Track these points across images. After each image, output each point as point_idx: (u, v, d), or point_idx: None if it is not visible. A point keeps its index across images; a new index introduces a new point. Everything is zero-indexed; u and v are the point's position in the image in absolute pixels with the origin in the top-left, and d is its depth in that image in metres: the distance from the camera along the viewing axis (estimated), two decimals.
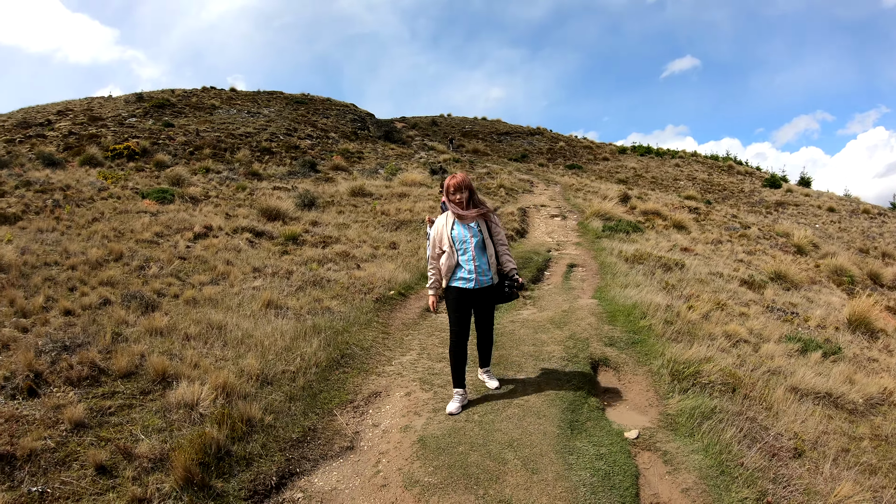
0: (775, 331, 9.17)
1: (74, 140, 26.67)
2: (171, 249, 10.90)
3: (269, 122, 33.67)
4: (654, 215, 20.69)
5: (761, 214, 29.20)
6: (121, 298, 7.88)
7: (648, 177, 42.53)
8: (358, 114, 42.47)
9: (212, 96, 38.97)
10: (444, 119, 61.54)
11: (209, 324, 7.29)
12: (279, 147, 28.65)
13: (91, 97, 38.16)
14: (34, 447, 4.42)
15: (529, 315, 8.93)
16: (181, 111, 33.53)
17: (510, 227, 16.69)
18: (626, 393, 6.29)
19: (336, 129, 36.21)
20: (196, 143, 27.10)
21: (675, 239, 17.19)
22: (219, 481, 4.29)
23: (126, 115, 31.58)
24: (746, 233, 20.08)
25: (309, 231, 13.89)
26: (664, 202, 24.95)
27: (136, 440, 4.70)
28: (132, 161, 23.15)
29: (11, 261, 8.76)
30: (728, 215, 24.42)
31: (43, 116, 31.45)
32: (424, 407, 5.72)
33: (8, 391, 5.23)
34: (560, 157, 49.69)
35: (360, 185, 20.36)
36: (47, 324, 6.86)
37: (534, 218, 19.75)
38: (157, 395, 5.46)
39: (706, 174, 44.87)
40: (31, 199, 13.82)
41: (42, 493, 4.00)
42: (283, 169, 24.45)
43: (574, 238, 16.44)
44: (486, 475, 4.43)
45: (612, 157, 51.11)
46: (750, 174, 46.16)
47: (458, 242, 5.63)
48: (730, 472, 4.68)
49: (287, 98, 42.17)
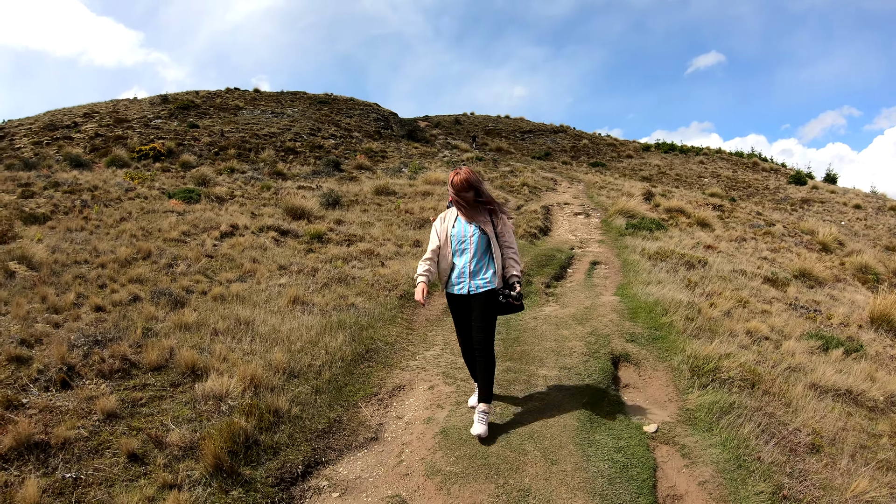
0: (797, 328, 9.16)
1: (101, 142, 27.09)
2: (199, 248, 11.09)
3: (293, 122, 33.93)
4: (678, 213, 20.61)
5: (786, 212, 28.99)
6: (150, 295, 8.06)
7: (672, 174, 42.31)
8: (381, 113, 42.65)
9: (236, 97, 39.33)
10: (468, 118, 61.53)
11: (237, 319, 7.45)
12: (303, 147, 28.89)
13: (117, 99, 38.65)
14: (68, 436, 4.59)
15: (552, 311, 9.02)
16: (206, 112, 33.88)
17: (533, 224, 16.72)
18: (646, 388, 6.37)
19: (359, 129, 36.41)
20: (221, 144, 27.40)
21: (699, 236, 17.14)
22: (247, 469, 4.44)
23: (151, 117, 31.98)
24: (771, 230, 19.96)
25: (334, 229, 14.03)
26: (688, 199, 24.84)
27: (167, 429, 4.86)
28: (158, 162, 23.48)
29: (42, 259, 8.97)
30: (753, 212, 24.26)
31: (69, 119, 31.92)
32: (447, 400, 5.84)
33: (42, 383, 5.41)
34: (584, 155, 49.53)
35: (384, 184, 20.47)
36: (79, 319, 7.04)
37: (557, 216, 19.76)
38: (186, 387, 5.63)
39: (731, 171, 44.54)
40: (59, 200, 14.09)
41: (76, 479, 4.16)
42: (308, 168, 24.66)
43: (597, 236, 16.45)
44: (506, 465, 4.54)
45: (636, 155, 50.86)
46: (775, 171, 45.77)
47: (456, 241, 5.29)
48: (747, 466, 4.75)
49: (310, 98, 42.44)
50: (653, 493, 4.32)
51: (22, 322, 6.66)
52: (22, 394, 5.19)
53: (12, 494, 3.88)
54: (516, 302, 5.19)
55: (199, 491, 4.11)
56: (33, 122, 31.64)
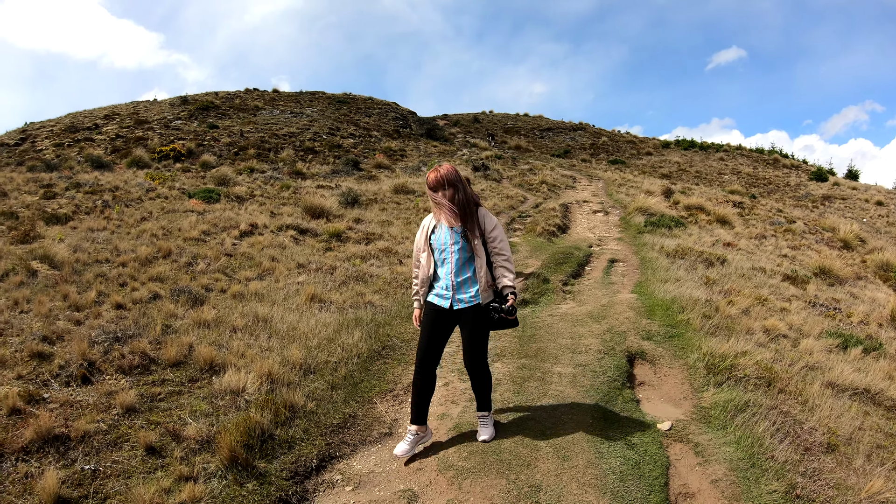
0: (816, 326, 9.10)
1: (121, 143, 27.41)
2: (218, 247, 11.21)
3: (312, 121, 34.11)
4: (698, 210, 20.51)
5: (807, 208, 28.76)
6: (170, 293, 8.17)
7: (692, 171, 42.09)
8: (400, 112, 42.76)
9: (255, 98, 39.60)
10: (486, 116, 61.53)
11: (255, 317, 7.54)
12: (322, 146, 29.03)
13: (137, 101, 39.07)
14: (87, 429, 4.68)
15: (568, 309, 9.02)
16: (225, 113, 34.14)
17: (551, 222, 16.70)
18: (661, 385, 6.37)
19: (378, 128, 36.53)
20: (240, 144, 27.61)
21: (718, 234, 17.05)
22: (262, 462, 4.50)
23: (171, 118, 32.28)
24: (791, 227, 19.81)
25: (352, 228, 14.11)
26: (708, 197, 24.71)
27: (185, 423, 4.94)
28: (178, 162, 23.72)
29: (64, 258, 9.11)
30: (773, 210, 24.11)
31: (90, 121, 32.30)
32: (461, 396, 5.87)
33: (63, 378, 5.52)
34: (603, 153, 49.40)
35: (403, 183, 20.56)
36: (100, 317, 7.16)
37: (576, 213, 19.73)
38: (204, 383, 5.71)
39: (751, 168, 44.25)
40: (81, 200, 14.29)
41: (94, 471, 4.25)
42: (327, 168, 24.79)
43: (616, 233, 16.41)
44: (518, 461, 4.56)
45: (656, 152, 50.66)
46: (796, 167, 45.42)
47: (437, 250, 4.75)
48: (760, 464, 4.72)
49: (329, 98, 42.63)
50: (665, 491, 4.32)
51: (44, 319, 6.78)
52: (43, 388, 5.30)
53: (32, 485, 3.98)
54: (510, 317, 4.61)
55: (214, 483, 4.18)
56: (55, 125, 32.06)
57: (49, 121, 33.96)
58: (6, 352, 5.86)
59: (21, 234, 10.29)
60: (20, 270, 8.37)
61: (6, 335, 6.35)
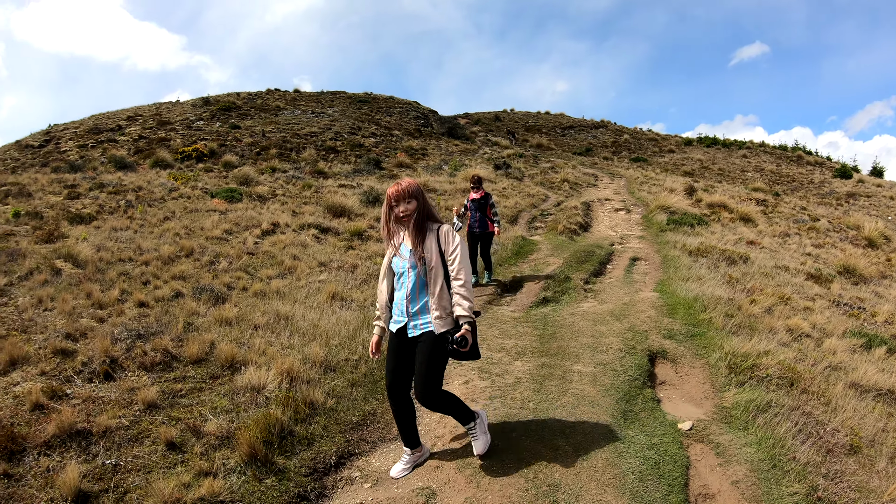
0: (839, 326, 9.00)
1: (144, 144, 27.66)
2: (240, 245, 11.29)
3: (333, 121, 34.23)
4: (720, 208, 20.37)
5: (831, 206, 28.43)
6: (192, 291, 8.24)
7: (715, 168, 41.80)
8: (421, 111, 42.81)
9: (276, 98, 39.80)
10: (508, 114, 61.47)
11: (276, 314, 7.59)
12: (343, 146, 29.13)
13: (159, 102, 39.41)
14: (109, 424, 4.74)
15: (590, 307, 8.99)
16: (247, 113, 34.35)
17: (573, 220, 16.67)
18: (682, 385, 6.33)
19: (399, 127, 36.59)
20: (262, 144, 27.77)
21: (741, 232, 16.93)
22: (281, 458, 4.54)
23: (193, 119, 32.52)
24: (815, 225, 19.62)
25: (374, 227, 14.14)
26: (731, 194, 24.53)
27: (205, 420, 4.99)
28: (201, 162, 23.90)
29: (88, 257, 9.21)
30: (797, 207, 23.88)
31: (113, 122, 32.63)
32: (481, 395, 5.86)
33: (86, 375, 5.59)
34: (625, 150, 49.20)
35: (425, 182, 20.63)
36: (122, 314, 7.24)
37: (598, 212, 19.67)
38: (225, 380, 5.77)
39: (774, 165, 43.88)
40: (104, 200, 14.44)
41: (115, 466, 4.31)
42: (348, 167, 24.87)
43: (638, 231, 16.34)
44: (536, 460, 4.55)
45: (678, 149, 50.37)
46: (820, 164, 44.97)
47: (396, 274, 4.43)
48: (781, 466, 4.68)
49: (350, 97, 42.78)
50: (684, 491, 4.29)
51: (67, 317, 6.87)
52: (66, 384, 5.37)
53: (54, 478, 4.03)
54: (461, 349, 4.16)
55: (233, 478, 4.22)
56: (78, 126, 32.40)
57: (73, 122, 34.32)
58: (30, 348, 5.95)
59: (45, 234, 10.42)
60: (44, 269, 8.48)
61: (30, 332, 6.43)
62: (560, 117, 61.60)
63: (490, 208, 10.73)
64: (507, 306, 9.39)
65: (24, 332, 6.44)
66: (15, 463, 4.21)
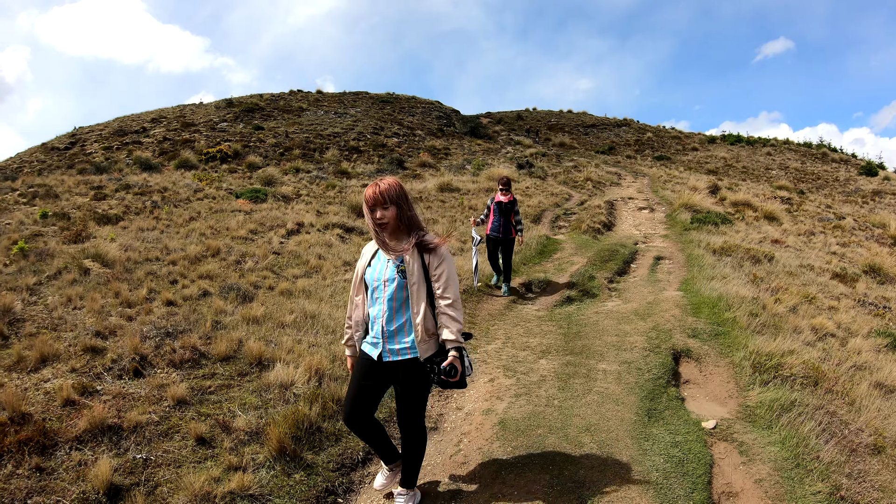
0: (865, 325, 8.94)
1: (169, 145, 27.96)
2: (266, 245, 11.39)
3: (356, 121, 34.38)
4: (745, 206, 20.23)
5: (857, 204, 28.13)
6: (219, 290, 8.34)
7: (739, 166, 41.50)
8: (443, 111, 42.88)
9: (299, 99, 40.03)
10: (530, 113, 61.40)
11: (303, 313, 7.66)
12: (366, 146, 29.26)
13: (183, 104, 39.77)
14: (139, 420, 4.83)
15: (614, 306, 8.99)
16: (270, 114, 34.58)
17: (597, 220, 16.64)
18: (707, 384, 6.33)
19: (422, 127, 36.68)
20: (286, 145, 27.96)
21: (766, 230, 16.82)
22: (309, 454, 4.61)
23: (217, 120, 32.79)
24: (840, 224, 19.43)
25: None
26: (755, 192, 24.35)
27: (234, 416, 5.07)
28: (225, 163, 24.11)
29: (116, 257, 9.34)
30: (822, 205, 23.65)
31: (138, 124, 32.99)
32: (507, 392, 5.90)
33: (115, 372, 5.68)
34: (648, 149, 48.95)
35: (448, 181, 20.64)
36: (151, 313, 7.34)
37: (621, 210, 19.62)
38: (253, 377, 5.84)
39: (799, 162, 43.47)
40: (130, 201, 14.63)
41: (146, 460, 4.39)
42: (371, 167, 24.99)
43: (661, 230, 16.29)
44: (562, 457, 4.58)
45: (702, 147, 50.03)
46: (845, 161, 44.49)
47: (370, 287, 3.83)
48: (805, 465, 4.67)
49: (372, 98, 42.94)
50: (707, 490, 4.30)
51: (97, 315, 6.97)
52: (97, 381, 5.47)
53: (86, 472, 4.13)
54: (451, 379, 3.69)
55: (262, 473, 4.30)
56: (103, 129, 32.80)
57: (98, 125, 34.73)
58: (60, 346, 6.06)
59: (73, 234, 10.58)
60: (73, 269, 8.61)
61: (60, 330, 6.55)
62: (582, 116, 61.43)
63: (515, 214, 10.30)
64: (532, 305, 9.42)
65: (53, 330, 6.55)
66: (47, 457, 4.30)
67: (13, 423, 4.56)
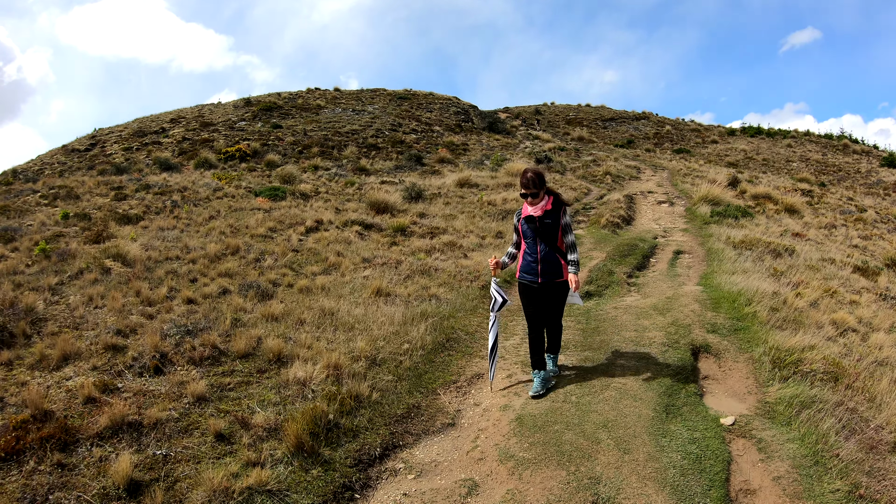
0: (886, 320, 8.83)
1: (188, 145, 28.11)
2: (285, 243, 11.44)
3: (374, 118, 34.38)
4: (765, 199, 20.05)
5: (879, 196, 27.79)
6: (238, 288, 8.41)
7: (759, 159, 41.12)
8: (461, 106, 42.78)
9: (317, 97, 40.08)
10: (548, 107, 61.08)
11: (321, 310, 7.70)
12: (385, 142, 29.27)
13: (202, 104, 39.95)
14: (159, 417, 4.91)
15: (633, 301, 8.95)
16: (288, 113, 34.64)
17: (616, 214, 16.53)
18: (726, 380, 6.29)
19: (440, 123, 36.63)
20: (304, 143, 28.02)
21: (787, 224, 16.67)
22: (327, 450, 4.66)
23: (235, 120, 32.91)
24: (862, 216, 19.22)
25: (416, 223, 14.20)
26: (775, 185, 24.13)
27: (253, 412, 5.12)
28: (244, 162, 24.20)
29: (136, 256, 9.44)
30: (843, 198, 23.41)
31: (157, 125, 33.18)
32: (524, 388, 5.91)
33: (136, 369, 5.77)
34: (667, 142, 48.59)
35: (466, 177, 20.57)
36: (171, 311, 7.42)
37: (640, 205, 19.49)
38: (272, 374, 5.90)
39: (820, 154, 43.01)
40: (150, 201, 14.75)
41: (165, 456, 4.46)
42: (390, 163, 24.99)
43: (681, 224, 16.16)
44: (578, 453, 4.59)
45: (721, 140, 49.61)
46: (867, 153, 43.96)
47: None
48: (824, 462, 4.63)
49: (390, 94, 42.91)
50: (725, 486, 4.28)
51: (118, 314, 7.06)
52: (117, 379, 5.56)
53: (106, 468, 4.21)
54: None
55: (280, 469, 4.35)
56: (123, 129, 33.03)
57: (117, 126, 34.96)
58: (82, 344, 6.15)
59: (94, 234, 10.69)
60: (94, 268, 8.71)
61: (82, 329, 6.65)
62: (601, 109, 61.03)
63: (564, 233, 5.83)
64: None
65: (75, 328, 6.65)
66: (69, 453, 4.38)
67: (35, 420, 4.64)
